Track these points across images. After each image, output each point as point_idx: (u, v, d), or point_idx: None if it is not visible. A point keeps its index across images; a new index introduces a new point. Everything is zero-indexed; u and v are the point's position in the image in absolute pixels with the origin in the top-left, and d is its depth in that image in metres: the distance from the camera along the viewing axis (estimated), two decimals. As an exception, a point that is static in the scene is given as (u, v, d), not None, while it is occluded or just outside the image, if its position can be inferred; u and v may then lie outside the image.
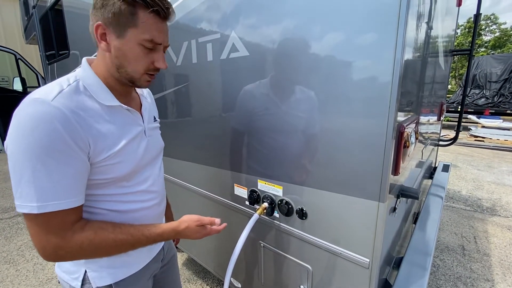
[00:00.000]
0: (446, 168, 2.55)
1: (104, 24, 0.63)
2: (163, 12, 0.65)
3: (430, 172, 2.51)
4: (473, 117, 8.66)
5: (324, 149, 0.93)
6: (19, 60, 4.54)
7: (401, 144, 0.86)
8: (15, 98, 4.38)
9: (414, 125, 1.02)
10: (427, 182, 2.34)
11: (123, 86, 0.73)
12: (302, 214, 1.04)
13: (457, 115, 2.29)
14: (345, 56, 0.82)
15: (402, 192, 1.06)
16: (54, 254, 0.60)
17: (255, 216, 1.08)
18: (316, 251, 1.04)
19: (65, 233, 0.60)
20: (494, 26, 26.95)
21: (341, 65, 0.83)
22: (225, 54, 1.15)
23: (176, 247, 1.95)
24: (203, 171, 1.47)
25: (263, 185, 1.17)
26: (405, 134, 0.87)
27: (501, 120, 8.18)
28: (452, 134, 2.49)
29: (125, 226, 0.69)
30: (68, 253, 0.61)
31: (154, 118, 0.90)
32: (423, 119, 1.46)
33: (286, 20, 0.93)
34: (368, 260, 0.89)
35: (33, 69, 4.70)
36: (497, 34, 26.56)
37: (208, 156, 1.42)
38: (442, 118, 2.39)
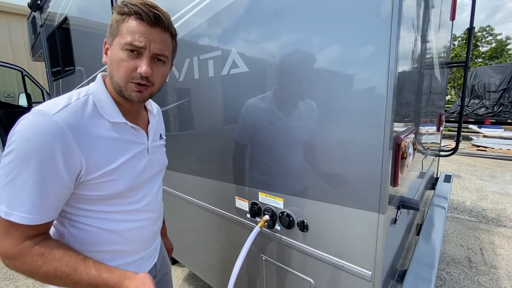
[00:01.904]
0: (448, 178, 2.54)
1: (106, 39, 0.68)
2: (148, 18, 0.63)
3: (432, 183, 2.50)
4: (474, 127, 8.67)
5: (323, 161, 0.95)
6: (25, 77, 4.65)
7: (398, 156, 0.88)
8: (21, 114, 4.45)
9: (412, 136, 1.04)
10: (430, 192, 2.33)
11: (129, 103, 0.71)
12: (303, 227, 1.04)
13: (457, 125, 2.31)
14: (341, 69, 0.85)
15: (403, 204, 1.06)
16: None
17: (256, 229, 1.08)
18: (318, 264, 1.03)
19: (17, 245, 0.58)
20: (490, 37, 27.44)
21: (337, 78, 0.86)
22: (226, 70, 1.19)
23: (176, 261, 1.93)
24: (204, 184, 1.48)
25: (264, 198, 1.17)
26: (402, 145, 0.88)
27: (502, 130, 8.17)
28: (453, 144, 2.49)
29: (76, 258, 0.62)
30: (11, 265, 0.60)
31: (160, 135, 0.89)
32: (421, 130, 1.47)
33: (283, 37, 0.97)
34: (370, 272, 0.88)
35: (39, 85, 4.80)
36: (494, 45, 27.00)
37: (209, 169, 1.44)
38: (441, 129, 2.41)
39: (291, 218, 1.08)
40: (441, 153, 2.58)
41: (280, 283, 1.20)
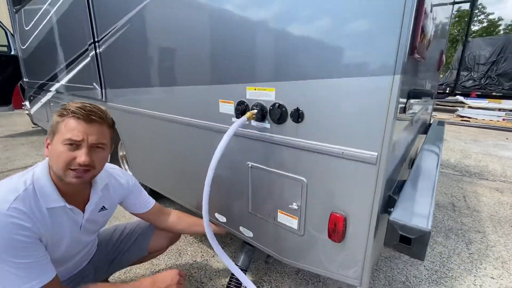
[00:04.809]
0: (441, 123, 2.50)
1: (47, 137, 0.83)
2: (84, 116, 0.79)
3: (425, 128, 2.44)
4: (460, 98, 8.76)
5: (327, 24, 0.77)
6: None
7: (419, 21, 0.71)
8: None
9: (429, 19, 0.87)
10: (422, 137, 2.26)
11: (70, 186, 0.84)
12: (297, 116, 0.88)
13: (445, 100, 2.20)
14: None
15: (413, 93, 0.92)
16: None
17: (243, 118, 0.92)
18: (313, 158, 0.89)
19: None
20: (482, 16, 27.29)
21: None
22: None
23: (156, 193, 1.76)
24: (182, 93, 1.28)
25: (252, 92, 1.00)
26: (423, 12, 0.71)
27: (487, 101, 8.32)
28: (440, 116, 2.39)
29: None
30: None
31: (103, 207, 1.01)
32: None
33: None
34: (376, 153, 0.75)
35: (2, 26, 4.26)
36: (485, 24, 26.95)
37: (187, 73, 1.23)
38: (441, 68, 2.29)
39: (283, 109, 0.91)
40: (438, 95, 2.50)
41: (267, 191, 1.07)
